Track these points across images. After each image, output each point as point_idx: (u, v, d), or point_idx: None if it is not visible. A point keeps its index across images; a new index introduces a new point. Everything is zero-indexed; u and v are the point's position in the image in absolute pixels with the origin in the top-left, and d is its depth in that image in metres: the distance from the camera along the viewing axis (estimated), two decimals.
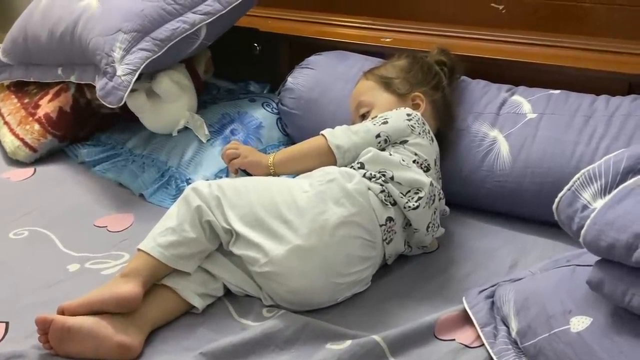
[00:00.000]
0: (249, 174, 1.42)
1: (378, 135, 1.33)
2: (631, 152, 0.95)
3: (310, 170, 1.31)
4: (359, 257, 1.21)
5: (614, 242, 0.86)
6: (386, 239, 1.25)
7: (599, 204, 0.92)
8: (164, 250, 1.18)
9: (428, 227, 1.30)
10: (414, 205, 1.25)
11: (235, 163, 1.41)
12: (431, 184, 1.28)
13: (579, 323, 0.94)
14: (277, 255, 1.16)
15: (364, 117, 1.47)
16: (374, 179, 1.26)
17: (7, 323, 1.19)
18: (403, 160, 1.29)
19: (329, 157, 1.33)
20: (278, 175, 1.40)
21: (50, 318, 1.08)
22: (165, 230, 1.20)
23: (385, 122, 1.36)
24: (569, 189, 0.96)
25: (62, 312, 1.11)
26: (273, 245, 1.17)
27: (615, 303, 0.90)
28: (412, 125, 1.35)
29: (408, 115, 1.38)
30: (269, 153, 1.68)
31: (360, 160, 1.30)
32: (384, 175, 1.26)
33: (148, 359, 1.10)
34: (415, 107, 1.45)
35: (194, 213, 1.20)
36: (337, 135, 1.35)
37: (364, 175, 1.26)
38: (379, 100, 1.47)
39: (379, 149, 1.32)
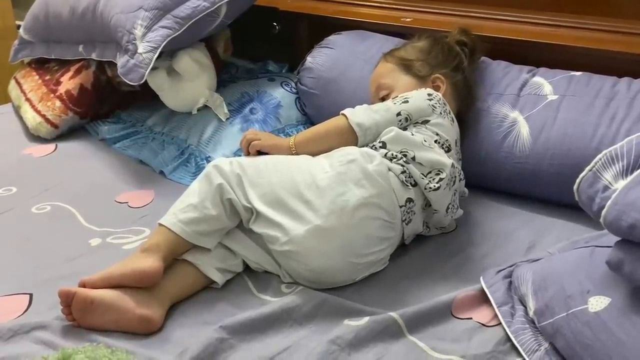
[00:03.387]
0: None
1: (399, 114, 1.33)
2: None
3: (332, 149, 1.31)
4: (378, 238, 1.22)
5: (634, 223, 0.86)
6: (405, 219, 1.26)
7: (620, 184, 0.91)
8: (184, 226, 1.19)
9: (448, 208, 1.30)
10: (434, 186, 1.26)
11: (256, 145, 1.39)
12: (452, 165, 1.28)
13: (598, 303, 0.94)
14: (297, 234, 1.17)
15: (383, 100, 1.46)
16: (395, 160, 1.26)
17: (31, 295, 1.21)
18: (425, 141, 1.29)
19: (350, 136, 1.33)
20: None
21: (73, 291, 1.10)
22: (186, 207, 1.21)
23: (406, 102, 1.35)
24: (590, 170, 0.96)
25: (83, 286, 1.13)
26: (293, 224, 1.18)
27: (634, 283, 0.90)
28: (433, 105, 1.35)
29: (429, 95, 1.37)
30: (288, 133, 1.69)
31: (382, 140, 1.30)
32: (405, 156, 1.26)
33: (169, 332, 1.12)
34: (436, 89, 1.44)
35: (216, 191, 1.21)
36: (358, 114, 1.35)
37: (385, 155, 1.27)
38: (399, 83, 1.46)
39: (400, 128, 1.32)
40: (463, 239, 1.37)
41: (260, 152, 1.38)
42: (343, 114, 1.36)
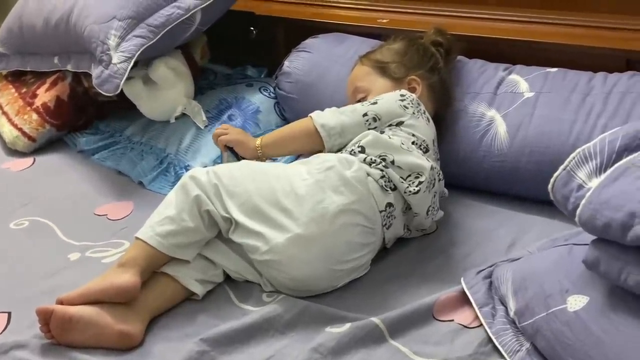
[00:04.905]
0: (237, 156, 1.43)
1: (365, 114, 1.33)
2: (626, 130, 0.94)
3: (299, 152, 1.30)
4: (359, 244, 1.22)
5: (609, 222, 0.86)
6: (386, 224, 1.25)
7: (594, 183, 0.92)
8: (162, 239, 1.18)
9: (428, 210, 1.30)
10: (414, 189, 1.25)
11: (223, 139, 1.42)
12: (431, 168, 1.28)
13: (576, 302, 0.95)
14: (278, 243, 1.16)
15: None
16: (374, 164, 1.26)
17: (9, 313, 1.20)
18: (403, 144, 1.29)
19: (316, 138, 1.33)
20: (266, 158, 1.41)
21: (51, 308, 1.09)
22: (163, 219, 1.20)
23: (375, 103, 1.36)
24: (564, 169, 0.96)
25: (61, 303, 1.12)
26: (273, 233, 1.17)
27: (611, 281, 0.91)
28: (404, 106, 1.35)
29: (402, 95, 1.37)
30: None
31: (361, 144, 1.29)
32: (384, 160, 1.26)
33: (149, 346, 1.11)
34: (412, 90, 1.44)
35: (193, 202, 1.20)
36: (324, 115, 1.35)
37: (364, 160, 1.26)
38: (375, 86, 1.46)
39: (368, 129, 1.32)
40: (444, 240, 1.37)
41: (233, 151, 1.40)
42: (310, 116, 1.36)
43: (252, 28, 2.06)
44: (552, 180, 0.98)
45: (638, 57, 1.50)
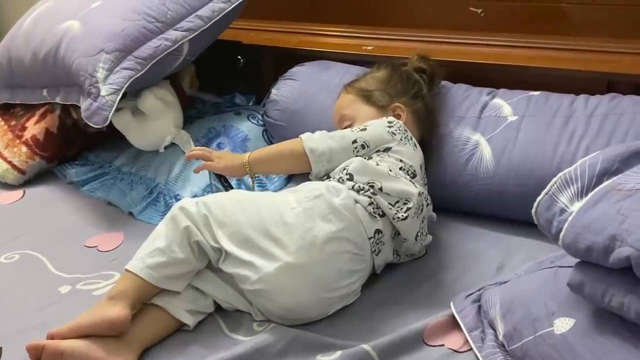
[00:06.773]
0: (222, 180, 1.43)
1: (354, 141, 1.35)
2: (606, 154, 0.96)
3: (286, 172, 1.31)
4: (349, 271, 1.22)
5: (591, 245, 0.87)
6: (375, 250, 1.26)
7: (576, 207, 0.93)
8: (152, 271, 1.18)
9: (417, 236, 1.31)
10: (403, 216, 1.26)
11: (207, 166, 1.44)
12: (419, 194, 1.29)
13: (563, 324, 0.96)
14: (268, 273, 1.17)
15: None
16: (362, 192, 1.27)
17: (0, 349, 1.19)
18: (390, 170, 1.30)
19: (304, 160, 1.35)
20: (254, 174, 1.42)
21: (42, 344, 1.09)
22: (153, 251, 1.20)
23: (364, 130, 1.38)
24: (546, 193, 0.98)
25: (51, 338, 1.12)
26: (263, 263, 1.18)
27: (595, 304, 0.92)
28: (392, 132, 1.37)
29: (389, 122, 1.39)
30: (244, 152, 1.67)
31: (349, 171, 1.30)
32: (372, 187, 1.27)
33: None
34: (397, 117, 1.46)
35: (183, 234, 1.20)
36: (313, 139, 1.37)
37: (352, 188, 1.27)
38: (361, 114, 1.48)
39: (356, 155, 1.33)
40: (433, 263, 1.38)
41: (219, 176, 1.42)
42: (300, 138, 1.37)
43: (239, 57, 2.08)
44: (535, 204, 0.99)
45: (619, 79, 1.53)
